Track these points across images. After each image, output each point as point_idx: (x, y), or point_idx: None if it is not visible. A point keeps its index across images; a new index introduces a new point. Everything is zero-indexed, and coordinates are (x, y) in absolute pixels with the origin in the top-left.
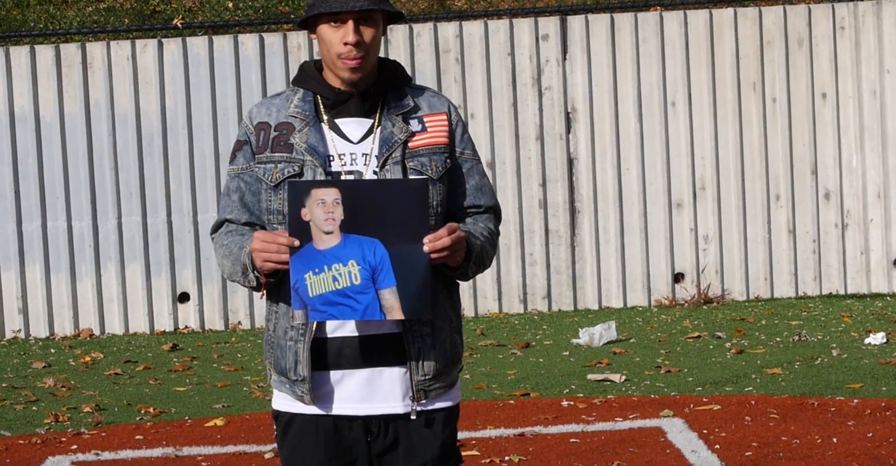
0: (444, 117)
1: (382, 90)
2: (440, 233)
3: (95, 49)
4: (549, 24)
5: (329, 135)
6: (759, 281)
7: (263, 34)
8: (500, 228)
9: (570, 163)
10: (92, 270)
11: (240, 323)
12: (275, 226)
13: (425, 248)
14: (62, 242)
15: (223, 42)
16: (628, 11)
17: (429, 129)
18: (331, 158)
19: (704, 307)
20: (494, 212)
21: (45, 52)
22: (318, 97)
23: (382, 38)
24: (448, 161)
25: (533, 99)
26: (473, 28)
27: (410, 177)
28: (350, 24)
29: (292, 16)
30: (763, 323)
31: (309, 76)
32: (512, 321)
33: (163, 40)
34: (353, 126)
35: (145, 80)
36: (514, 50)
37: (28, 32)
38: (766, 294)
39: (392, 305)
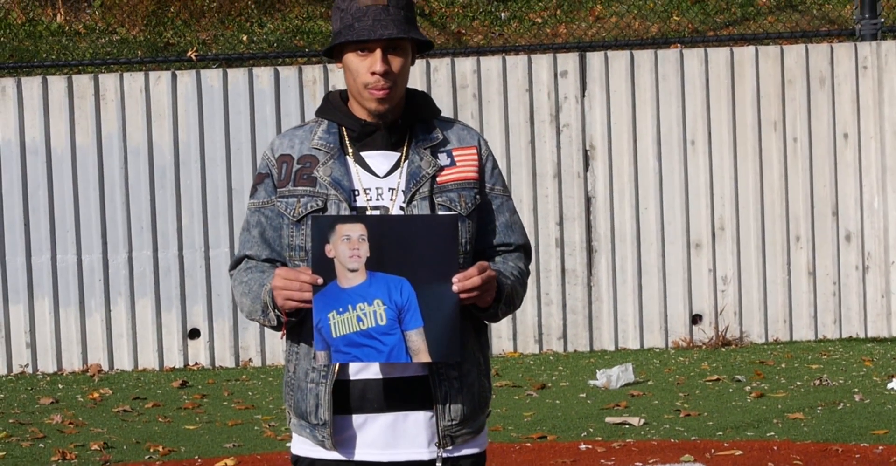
0: (474, 151)
1: (410, 122)
2: (470, 271)
3: (108, 80)
4: (568, 61)
5: (354, 168)
6: (779, 324)
7: (278, 67)
8: None
9: (588, 201)
10: (101, 305)
11: (251, 360)
12: (297, 263)
13: (454, 288)
14: (72, 276)
15: (237, 75)
16: (648, 48)
17: (458, 164)
18: (356, 193)
19: (723, 349)
20: (525, 250)
21: (57, 84)
22: (344, 129)
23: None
24: (478, 197)
25: (551, 136)
26: (491, 63)
27: (439, 213)
28: (378, 52)
29: (307, 49)
30: (783, 366)
31: (334, 107)
32: (527, 361)
33: (176, 72)
34: (380, 159)
35: (158, 113)
36: (533, 86)
37: (40, 63)
38: (785, 336)
39: (419, 347)
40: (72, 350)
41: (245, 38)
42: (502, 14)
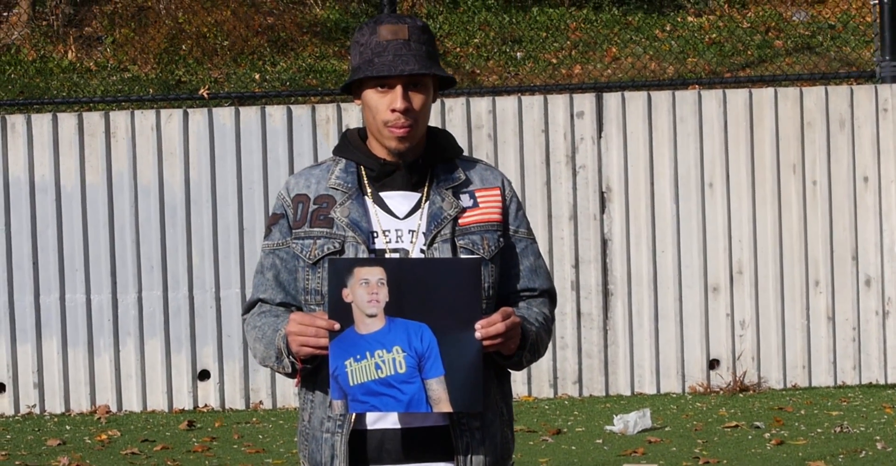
0: (498, 192)
1: (431, 162)
2: (494, 317)
3: (119, 118)
4: (585, 101)
5: (373, 209)
6: (797, 370)
7: (291, 106)
8: None
9: (604, 244)
10: (110, 345)
11: (261, 402)
12: (313, 308)
13: (477, 334)
14: (80, 316)
15: (250, 113)
16: (666, 89)
17: (481, 205)
18: (374, 235)
19: (740, 395)
20: (550, 296)
21: (67, 121)
22: (362, 168)
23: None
24: (501, 240)
25: (567, 177)
26: (507, 104)
27: (461, 256)
28: (398, 89)
29: (320, 88)
30: (802, 412)
31: (352, 145)
32: (542, 406)
33: (188, 110)
34: (400, 200)
35: (169, 151)
36: (549, 127)
37: (50, 100)
38: (804, 382)
39: (439, 396)
40: (80, 390)
41: (258, 76)
42: (518, 54)
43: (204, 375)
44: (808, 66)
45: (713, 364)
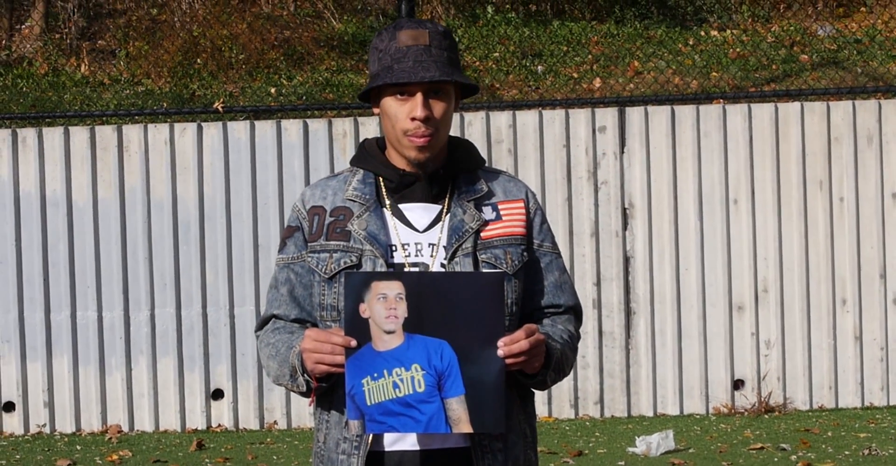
0: (521, 205)
1: (452, 173)
2: (517, 335)
3: (132, 132)
4: (607, 116)
5: (392, 222)
6: (824, 390)
7: (307, 120)
8: None
9: (627, 261)
10: (122, 363)
11: (276, 422)
12: (328, 324)
13: (500, 352)
14: (92, 333)
15: (265, 127)
16: (689, 103)
17: (504, 218)
18: (393, 248)
19: (765, 416)
20: (575, 312)
21: (79, 134)
22: (380, 179)
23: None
24: (525, 254)
25: (588, 193)
26: (527, 118)
27: (483, 270)
28: (419, 96)
29: (337, 102)
30: (829, 434)
31: (370, 155)
32: (563, 427)
33: (202, 124)
34: (420, 212)
35: (183, 166)
36: (570, 141)
37: (62, 113)
38: (830, 403)
39: (460, 417)
40: (91, 410)
41: (273, 90)
42: (539, 67)
43: (217, 394)
44: (835, 81)
45: (738, 384)
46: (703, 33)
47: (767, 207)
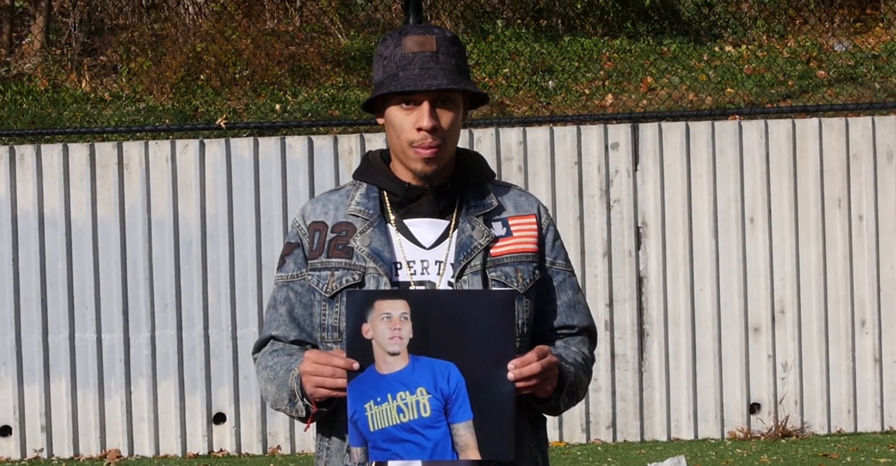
0: (533, 220)
1: (461, 186)
2: (528, 357)
3: (132, 148)
4: (620, 132)
5: (396, 238)
6: (842, 414)
7: (312, 136)
8: None
9: (640, 281)
10: (122, 386)
11: (279, 447)
12: (329, 346)
13: (510, 375)
14: (91, 355)
15: (269, 144)
16: (705, 119)
17: (515, 234)
18: (398, 266)
19: (783, 440)
20: (589, 333)
21: (78, 151)
22: (385, 193)
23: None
24: (537, 272)
25: (601, 212)
26: (538, 134)
27: (493, 289)
28: (425, 105)
29: (342, 118)
30: (848, 459)
31: (374, 168)
32: (574, 452)
33: (205, 141)
34: (426, 228)
35: (185, 183)
36: (582, 158)
37: (61, 130)
38: (849, 428)
39: (467, 443)
40: (89, 434)
41: (278, 106)
42: (550, 83)
43: (219, 418)
44: (854, 97)
45: (754, 408)
46: (717, 49)
47: (784, 226)
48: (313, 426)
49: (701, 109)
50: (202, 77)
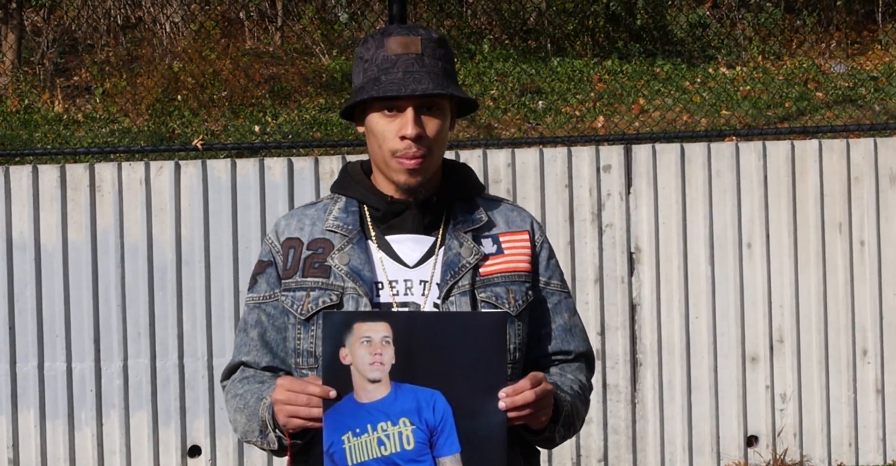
0: (526, 237)
1: (447, 200)
2: (521, 384)
3: (105, 170)
4: (612, 154)
5: (378, 255)
6: (843, 447)
7: (292, 158)
8: None
9: (633, 309)
10: (92, 418)
11: None
12: (304, 372)
13: (501, 404)
14: (60, 386)
15: (247, 165)
16: (700, 141)
17: (506, 252)
18: (379, 286)
19: None
20: (587, 360)
21: (48, 173)
22: (365, 207)
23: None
24: (530, 293)
25: (592, 236)
26: (527, 156)
27: (482, 310)
28: (409, 112)
29: (324, 140)
30: None
31: (353, 180)
32: None
33: (180, 162)
34: (410, 245)
35: (159, 206)
36: (573, 181)
37: (31, 151)
38: (850, 461)
39: None
40: None
41: (257, 128)
42: (540, 103)
43: (195, 451)
44: (853, 118)
45: (751, 440)
46: (711, 71)
47: (783, 251)
48: (291, 458)
49: (696, 130)
50: (179, 98)
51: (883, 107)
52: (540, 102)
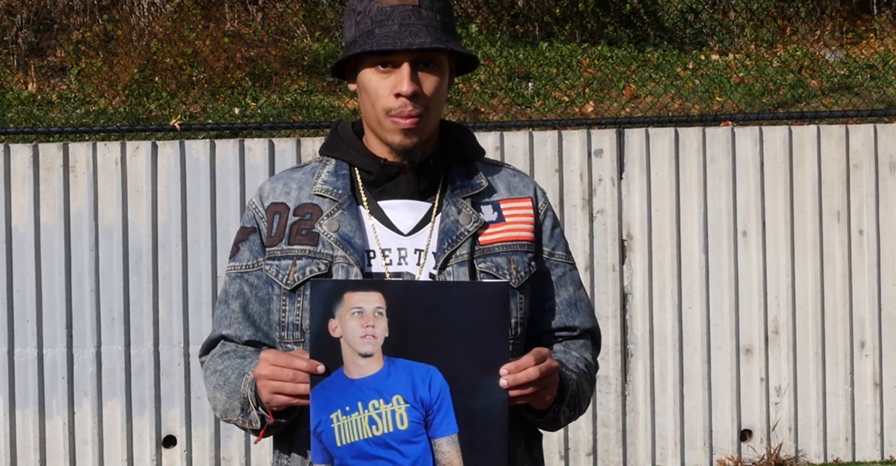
0: (529, 204)
1: (445, 164)
2: (525, 360)
3: (79, 150)
4: (604, 138)
5: (370, 222)
6: (840, 442)
7: (273, 139)
8: None
9: (624, 298)
10: (64, 406)
11: None
12: (290, 347)
13: (503, 381)
14: (31, 373)
15: (227, 146)
16: (695, 125)
17: (507, 220)
18: (371, 254)
19: None
20: (592, 336)
21: (20, 153)
22: (356, 170)
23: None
24: (532, 264)
25: (583, 223)
26: (516, 139)
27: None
28: (405, 68)
29: (306, 121)
30: None
31: (344, 142)
32: None
33: (157, 143)
34: (404, 211)
35: (135, 188)
36: (563, 166)
37: (3, 130)
38: (846, 456)
39: (451, 461)
40: (28, 457)
41: (237, 111)
42: (529, 84)
43: (169, 441)
44: (851, 107)
45: (745, 435)
46: (702, 57)
47: (779, 240)
48: (267, 441)
49: (691, 114)
50: (157, 79)
51: (880, 96)
52: (530, 84)
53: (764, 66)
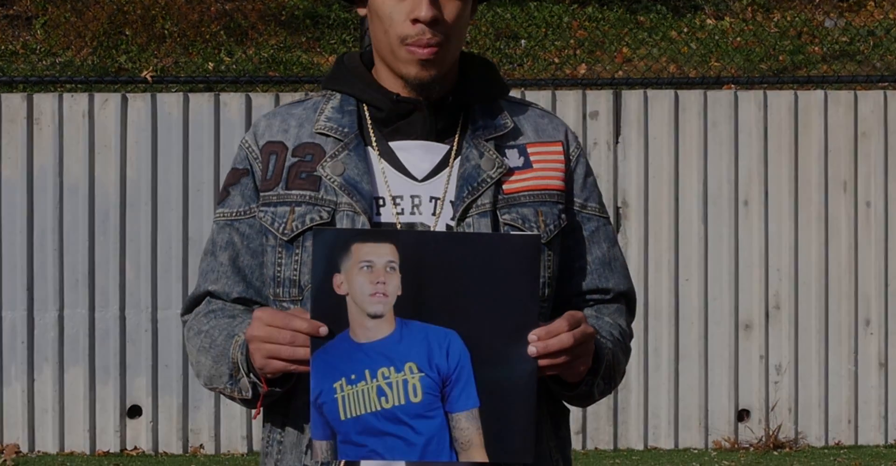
0: (559, 149)
1: (465, 101)
2: (557, 325)
3: (44, 102)
4: (601, 99)
5: (379, 165)
6: (842, 424)
7: (251, 93)
8: None
9: None
10: (23, 373)
11: (202, 446)
12: (286, 306)
13: (531, 349)
14: None
15: (201, 101)
16: (696, 88)
17: (535, 166)
18: (380, 202)
19: (774, 452)
20: (627, 300)
21: None
22: (365, 107)
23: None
24: (563, 216)
25: None
26: None
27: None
28: None
29: (285, 76)
30: None
31: (352, 74)
32: None
33: (128, 95)
34: (419, 154)
35: (103, 143)
36: None
37: None
38: (849, 439)
39: (471, 439)
40: None
41: (211, 66)
42: (522, 42)
43: (134, 411)
44: (855, 73)
45: (742, 415)
46: (697, 21)
47: (783, 211)
48: (245, 410)
49: (692, 76)
50: (127, 31)
51: (884, 63)
52: (522, 41)
53: (760, 31)
